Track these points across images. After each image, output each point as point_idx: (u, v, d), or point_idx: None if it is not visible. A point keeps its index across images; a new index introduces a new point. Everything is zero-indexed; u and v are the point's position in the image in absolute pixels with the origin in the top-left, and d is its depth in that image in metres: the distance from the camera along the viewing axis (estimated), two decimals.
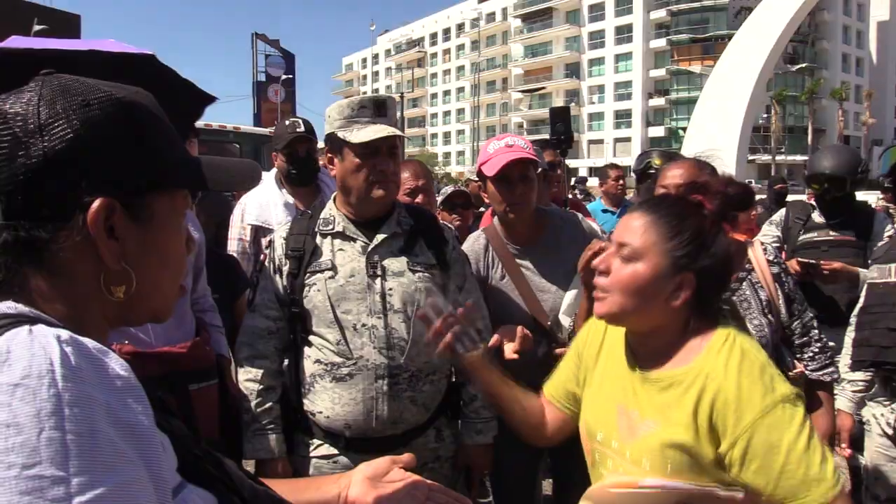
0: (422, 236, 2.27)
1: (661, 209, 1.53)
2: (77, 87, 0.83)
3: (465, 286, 2.33)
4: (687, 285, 1.47)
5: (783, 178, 10.36)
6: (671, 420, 1.46)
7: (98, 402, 0.67)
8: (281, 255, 2.26)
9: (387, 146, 2.16)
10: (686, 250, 1.47)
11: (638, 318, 1.53)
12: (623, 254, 1.51)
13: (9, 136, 0.80)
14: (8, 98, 0.82)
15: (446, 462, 2.30)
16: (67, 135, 0.80)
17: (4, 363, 0.66)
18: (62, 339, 0.70)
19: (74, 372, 0.68)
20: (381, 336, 2.13)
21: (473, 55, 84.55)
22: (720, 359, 1.44)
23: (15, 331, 0.70)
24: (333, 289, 2.15)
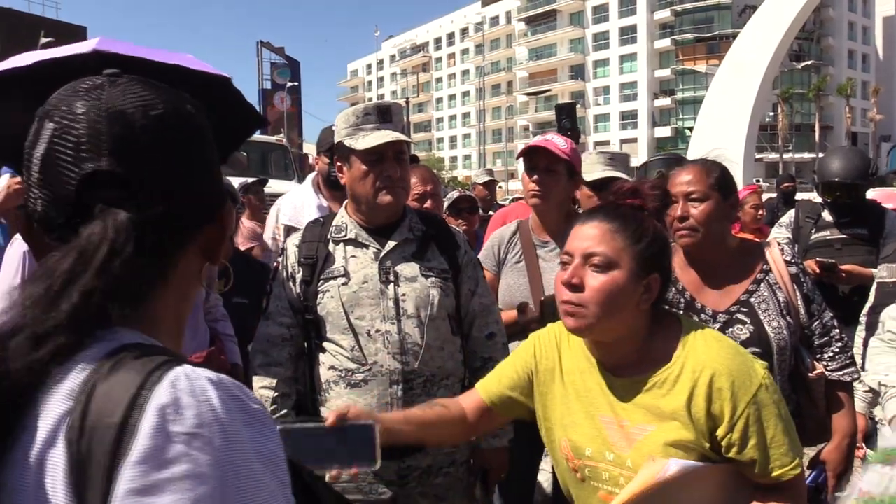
0: (434, 241, 2.28)
1: (617, 215, 1.54)
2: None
3: (478, 290, 2.34)
4: (654, 286, 1.52)
5: (791, 176, 10.27)
6: (666, 419, 1.48)
7: (250, 443, 0.69)
8: (294, 262, 2.27)
9: (393, 152, 2.17)
10: (652, 251, 1.51)
11: (611, 326, 1.52)
12: (595, 263, 1.50)
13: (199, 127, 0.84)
14: (179, 94, 0.84)
15: (462, 466, 2.30)
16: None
17: (176, 412, 0.66)
18: (213, 381, 0.71)
19: (231, 416, 0.68)
20: (395, 341, 2.14)
21: (478, 59, 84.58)
22: (701, 348, 1.50)
23: (174, 375, 0.69)
24: (347, 295, 2.16)
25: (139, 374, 0.69)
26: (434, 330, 2.18)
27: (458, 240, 2.36)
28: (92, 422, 0.66)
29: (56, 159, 0.76)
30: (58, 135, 0.77)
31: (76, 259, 0.73)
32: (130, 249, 0.75)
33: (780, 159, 57.22)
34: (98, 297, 0.73)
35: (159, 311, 0.81)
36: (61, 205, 0.77)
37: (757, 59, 30.25)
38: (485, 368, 2.28)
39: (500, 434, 2.30)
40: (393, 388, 2.13)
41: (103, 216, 0.75)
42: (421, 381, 2.15)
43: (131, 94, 0.80)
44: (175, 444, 0.64)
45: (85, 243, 0.74)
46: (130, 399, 0.67)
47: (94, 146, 0.76)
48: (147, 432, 0.65)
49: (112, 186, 0.76)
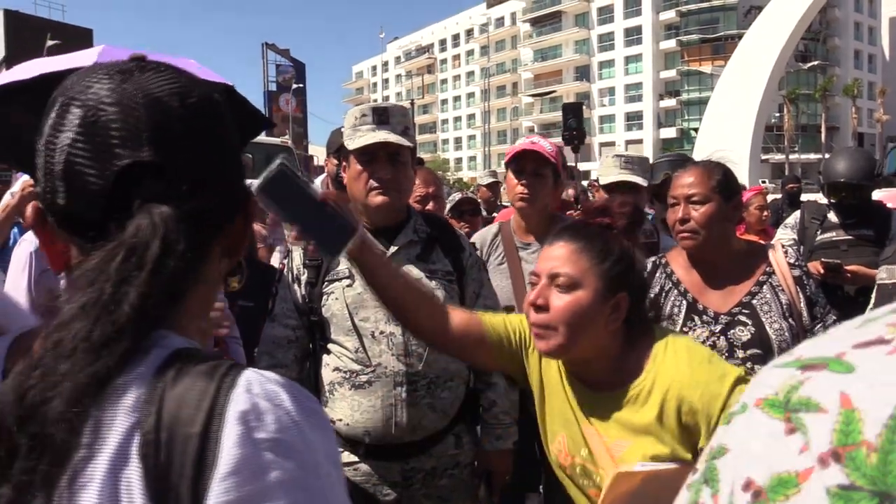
0: (438, 243, 2.28)
1: (583, 235, 1.54)
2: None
3: (482, 292, 2.34)
4: (623, 305, 1.51)
5: (796, 177, 10.20)
6: (640, 433, 1.48)
7: (320, 445, 0.68)
8: (299, 264, 2.28)
9: (386, 153, 2.16)
10: (618, 270, 1.50)
11: (581, 346, 1.51)
12: (559, 283, 1.50)
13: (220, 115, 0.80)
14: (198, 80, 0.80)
15: (466, 468, 2.30)
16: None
17: (258, 418, 0.64)
18: (280, 383, 0.69)
19: (304, 418, 0.67)
20: (399, 343, 2.14)
21: (483, 60, 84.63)
22: (669, 362, 1.48)
23: (245, 379, 0.67)
24: (351, 297, 2.17)
25: (210, 381, 0.66)
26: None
27: (463, 242, 2.37)
28: (168, 434, 0.63)
29: (86, 149, 0.70)
30: (88, 122, 0.71)
31: (126, 258, 0.68)
32: (182, 246, 0.70)
33: (786, 160, 57.08)
34: (155, 298, 0.68)
35: (190, 311, 0.77)
36: (92, 199, 0.71)
37: (762, 60, 30.19)
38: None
39: (504, 436, 2.30)
40: (397, 389, 2.13)
41: (147, 211, 0.70)
42: (425, 383, 2.16)
43: (165, 81, 0.75)
44: (263, 452, 0.62)
45: (132, 240, 0.69)
46: (209, 407, 0.64)
47: (133, 135, 0.71)
48: (233, 441, 0.62)
49: (153, 179, 0.71)
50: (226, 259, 0.83)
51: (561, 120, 9.71)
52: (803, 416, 0.40)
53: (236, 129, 0.83)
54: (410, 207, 2.37)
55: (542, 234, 2.76)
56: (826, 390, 0.40)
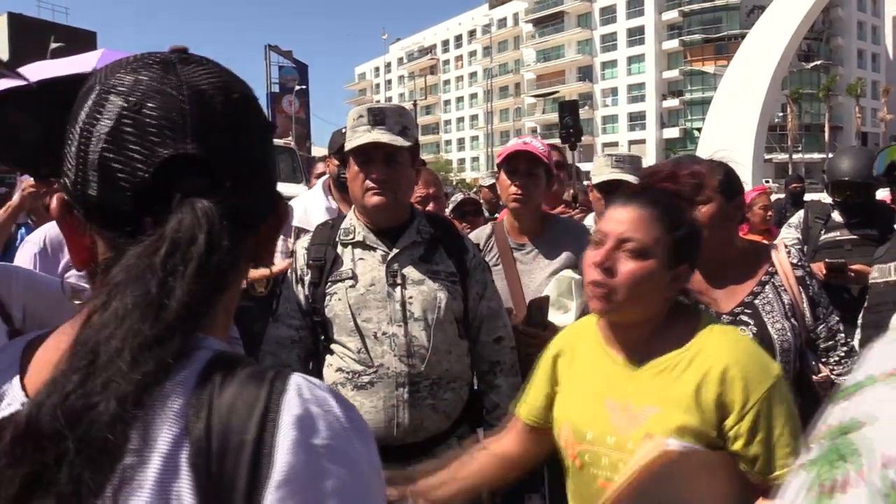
0: (442, 244, 2.28)
1: (658, 202, 1.54)
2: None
3: (486, 293, 2.34)
4: (683, 276, 1.53)
5: (800, 177, 10.18)
6: (672, 402, 1.47)
7: (365, 452, 0.66)
8: (303, 264, 2.29)
9: (382, 154, 2.17)
10: (686, 242, 1.51)
11: (636, 311, 1.53)
12: (629, 248, 1.48)
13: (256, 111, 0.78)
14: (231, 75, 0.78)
15: None
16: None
17: (311, 424, 0.62)
18: (325, 388, 0.67)
19: (352, 425, 0.66)
20: (402, 344, 2.14)
21: (486, 61, 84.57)
22: (717, 340, 1.50)
23: (294, 384, 0.65)
24: (354, 297, 2.18)
25: (261, 386, 0.64)
26: (441, 333, 2.18)
27: (467, 243, 2.37)
28: (220, 442, 0.61)
29: (126, 139, 0.68)
30: (130, 111, 0.68)
31: (170, 252, 0.65)
32: (226, 244, 0.67)
33: (790, 160, 56.96)
34: (202, 296, 0.65)
35: (220, 312, 0.74)
36: (128, 191, 0.68)
37: (766, 60, 30.14)
38: (492, 372, 2.31)
39: None
40: (399, 390, 2.13)
41: (190, 205, 0.67)
42: (427, 384, 2.16)
43: (209, 74, 0.73)
44: (318, 459, 0.61)
45: (176, 235, 0.65)
46: (261, 413, 0.62)
47: (177, 127, 0.68)
48: (287, 448, 0.60)
49: (196, 173, 0.69)
50: (252, 261, 0.81)
51: None
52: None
53: (269, 128, 0.81)
54: (414, 208, 2.37)
55: (536, 235, 2.79)
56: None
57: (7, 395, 0.69)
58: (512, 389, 2.27)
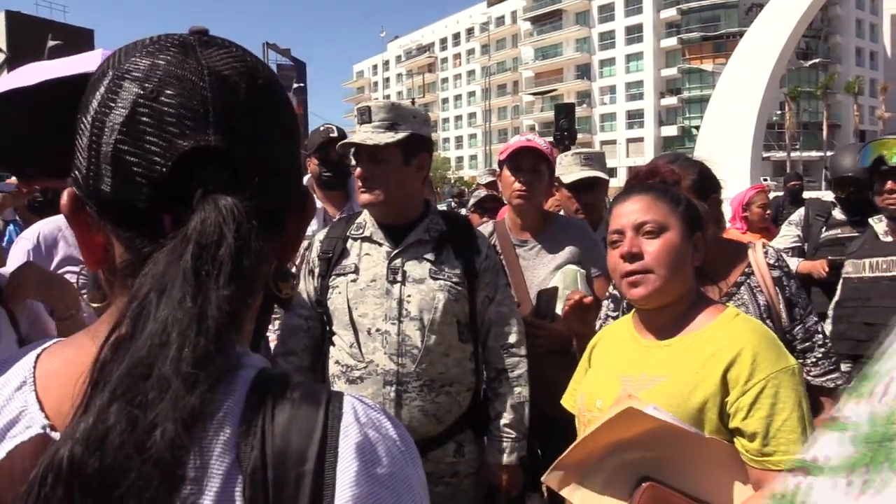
0: (451, 244, 2.25)
1: (650, 188, 1.68)
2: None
3: (497, 297, 2.29)
4: (700, 244, 1.63)
5: (798, 174, 10.15)
6: (680, 371, 1.52)
7: (416, 473, 0.64)
8: (315, 256, 2.32)
9: (366, 152, 2.18)
10: (691, 211, 1.64)
11: (675, 287, 1.60)
12: (648, 230, 1.60)
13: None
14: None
15: (466, 478, 2.25)
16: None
17: (372, 452, 0.59)
18: (377, 409, 0.64)
19: (405, 447, 0.63)
20: (393, 342, 2.13)
21: (484, 59, 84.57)
22: (737, 326, 1.54)
23: (350, 407, 0.62)
24: (353, 292, 2.18)
25: (316, 410, 0.60)
26: (437, 334, 2.15)
27: (480, 244, 2.31)
28: (276, 474, 0.56)
29: (142, 130, 0.61)
30: (146, 99, 0.62)
31: (197, 257, 0.59)
32: (257, 245, 0.61)
33: (788, 158, 56.99)
34: (238, 305, 0.59)
35: (247, 320, 0.67)
36: (144, 186, 0.61)
37: (764, 58, 30.12)
38: (498, 380, 2.27)
39: (509, 450, 2.23)
40: (387, 388, 2.12)
41: (213, 202, 0.61)
42: (417, 385, 2.13)
43: (231, 58, 0.67)
44: (382, 490, 0.58)
45: (199, 237, 0.59)
46: (320, 440, 0.58)
47: (198, 117, 0.62)
48: (352, 479, 0.57)
49: (218, 167, 0.62)
50: (276, 262, 0.74)
51: None
52: None
53: (296, 116, 0.75)
54: (430, 205, 2.34)
55: (538, 231, 2.79)
56: None
57: (24, 416, 0.62)
58: (517, 400, 2.24)
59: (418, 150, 2.22)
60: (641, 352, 1.64)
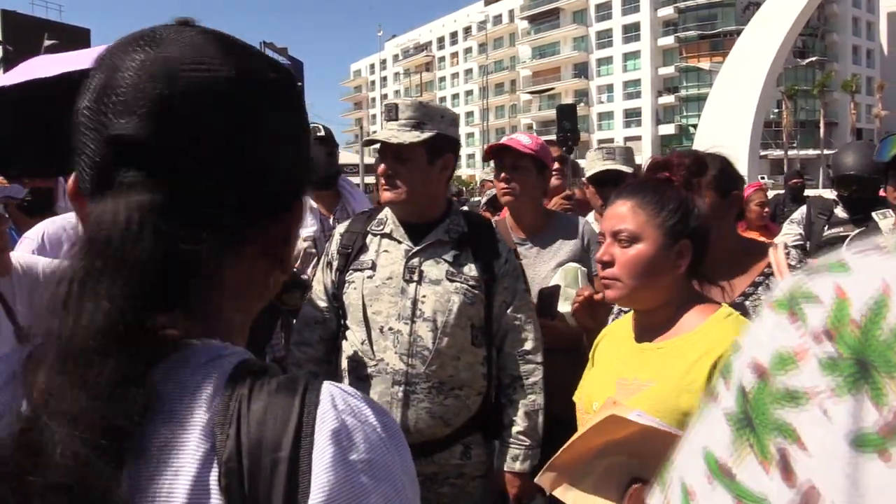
0: (470, 246, 2.23)
1: (640, 191, 1.65)
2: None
3: (515, 303, 2.25)
4: (685, 251, 1.59)
5: (799, 172, 10.08)
6: (666, 378, 1.51)
7: (401, 461, 0.62)
8: (334, 249, 2.31)
9: (390, 149, 2.16)
10: (676, 218, 1.59)
11: (650, 294, 1.61)
12: (621, 238, 1.61)
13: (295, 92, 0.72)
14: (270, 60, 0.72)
15: (472, 481, 2.23)
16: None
17: (348, 438, 0.58)
18: (357, 396, 0.64)
19: (388, 434, 0.62)
20: (404, 342, 2.12)
21: (481, 58, 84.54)
22: (726, 327, 1.52)
23: (327, 393, 0.61)
24: (369, 288, 2.17)
25: (292, 397, 0.59)
26: (450, 337, 2.13)
27: (501, 248, 2.28)
28: (252, 461, 0.56)
29: (89, 116, 0.64)
30: (100, 87, 0.64)
31: (87, 251, 0.60)
32: (149, 243, 0.60)
33: (785, 156, 57.06)
34: (124, 302, 0.58)
35: (236, 316, 0.69)
36: (86, 171, 0.64)
37: (761, 56, 30.14)
38: (512, 387, 2.24)
39: (522, 458, 2.20)
40: (395, 388, 2.11)
41: (120, 192, 0.61)
42: (426, 387, 2.12)
43: (192, 49, 0.65)
44: (358, 475, 0.57)
45: (94, 231, 0.61)
46: (295, 427, 0.57)
47: (129, 105, 0.62)
48: (327, 464, 0.56)
49: (139, 158, 0.62)
50: (275, 270, 0.74)
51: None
52: (804, 307, 0.46)
53: (298, 122, 0.73)
54: (452, 205, 2.32)
55: (538, 229, 2.78)
56: (824, 286, 0.46)
57: (9, 411, 0.62)
58: (531, 408, 2.21)
59: (443, 151, 2.20)
60: (636, 354, 1.64)
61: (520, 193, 2.73)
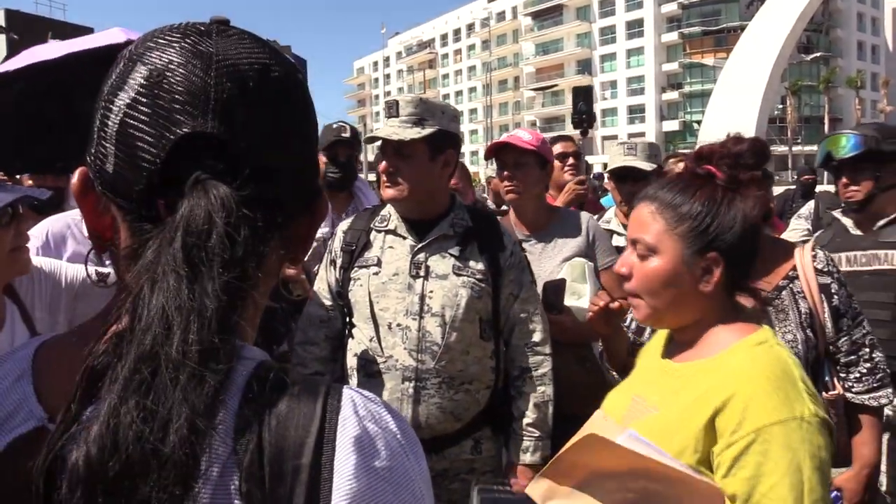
0: (476, 240, 2.22)
1: (662, 194, 1.42)
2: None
3: (522, 295, 2.26)
4: (714, 266, 1.36)
5: (811, 168, 9.94)
6: (670, 408, 1.34)
7: (418, 465, 0.62)
8: (338, 247, 2.30)
9: (391, 146, 2.14)
10: (700, 229, 1.36)
11: (672, 315, 1.42)
12: (638, 250, 1.43)
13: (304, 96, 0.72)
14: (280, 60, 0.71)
15: (483, 475, 2.22)
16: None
17: (371, 445, 0.58)
18: (377, 402, 0.63)
19: (406, 440, 0.62)
20: (414, 338, 2.10)
21: (484, 55, 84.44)
22: (746, 358, 1.30)
23: (348, 399, 0.60)
24: (375, 285, 2.16)
25: (314, 402, 0.58)
26: (458, 331, 2.13)
27: (506, 241, 2.28)
28: (273, 468, 0.55)
29: (145, 112, 0.62)
30: (152, 83, 0.63)
31: (185, 245, 0.58)
32: (248, 234, 0.60)
33: (790, 152, 56.92)
34: (234, 295, 0.58)
35: (249, 313, 0.66)
36: (142, 168, 0.62)
37: (765, 52, 30.06)
38: (522, 379, 2.24)
39: (532, 449, 2.20)
40: (405, 384, 2.10)
41: (203, 189, 0.60)
42: (436, 382, 2.11)
43: (245, 49, 0.67)
44: (381, 483, 0.57)
45: (187, 224, 0.59)
46: (317, 434, 0.57)
47: (198, 103, 0.62)
48: (350, 472, 0.56)
49: (214, 155, 0.62)
50: (285, 262, 0.75)
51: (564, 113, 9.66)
52: None
53: (316, 121, 0.75)
54: (455, 199, 2.32)
55: (542, 226, 2.79)
56: None
57: (22, 409, 0.63)
58: (540, 399, 2.22)
59: (445, 147, 2.19)
60: (656, 371, 1.48)
61: (523, 190, 2.73)
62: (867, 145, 2.80)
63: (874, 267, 2.82)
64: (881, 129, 2.88)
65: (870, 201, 2.85)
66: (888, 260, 2.78)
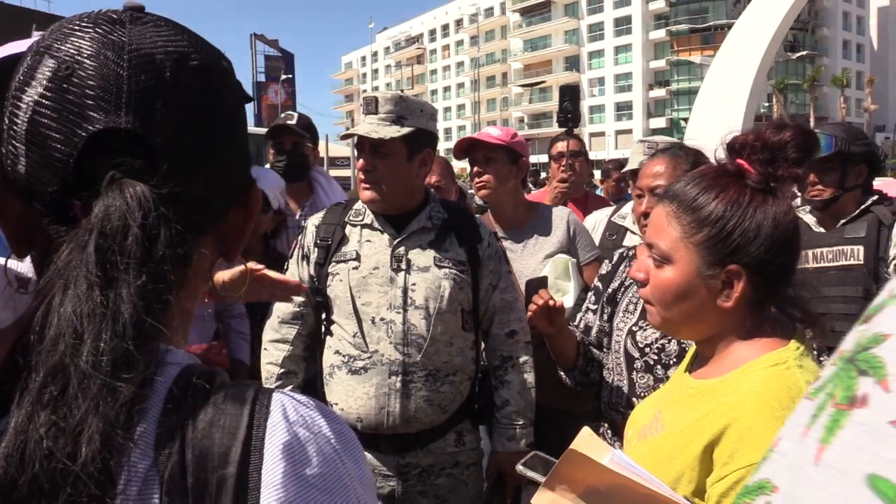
0: (454, 232, 2.23)
1: (683, 194, 1.26)
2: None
3: (500, 285, 2.27)
4: (736, 279, 1.20)
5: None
6: (678, 423, 1.24)
7: (356, 471, 0.60)
8: (310, 242, 2.26)
9: (369, 144, 2.12)
10: (720, 238, 1.20)
11: (692, 327, 1.29)
12: (653, 256, 1.30)
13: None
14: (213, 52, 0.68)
15: (467, 468, 2.24)
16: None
17: (301, 451, 0.55)
18: (309, 405, 0.60)
19: (342, 445, 0.59)
20: (399, 331, 2.10)
21: (472, 51, 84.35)
22: (754, 382, 1.15)
23: (278, 404, 0.58)
24: (355, 280, 2.14)
25: (241, 408, 0.56)
26: (442, 323, 2.13)
27: (482, 232, 2.29)
28: (197, 477, 0.52)
29: (54, 108, 0.58)
30: (60, 76, 0.59)
31: (99, 248, 0.55)
32: (166, 233, 0.57)
33: None
34: (156, 299, 0.56)
35: (175, 315, 0.63)
36: (55, 168, 0.58)
37: (751, 50, 30.21)
38: (504, 367, 2.25)
39: (517, 437, 2.22)
40: (392, 378, 2.09)
41: (119, 189, 0.57)
42: (422, 375, 2.11)
43: (162, 37, 0.62)
44: (311, 492, 0.54)
45: (101, 225, 0.56)
46: (244, 441, 0.54)
47: (111, 97, 0.58)
48: (278, 481, 0.53)
49: (130, 151, 0.59)
50: (219, 257, 0.72)
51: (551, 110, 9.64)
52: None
53: (244, 111, 0.71)
54: (430, 193, 2.31)
55: (523, 223, 2.80)
56: None
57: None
58: (523, 386, 2.23)
59: (423, 146, 2.18)
60: (677, 385, 1.37)
61: (495, 186, 2.73)
62: (837, 146, 2.85)
63: (840, 263, 2.87)
64: (848, 131, 2.94)
65: (835, 200, 2.91)
66: (854, 255, 2.84)
